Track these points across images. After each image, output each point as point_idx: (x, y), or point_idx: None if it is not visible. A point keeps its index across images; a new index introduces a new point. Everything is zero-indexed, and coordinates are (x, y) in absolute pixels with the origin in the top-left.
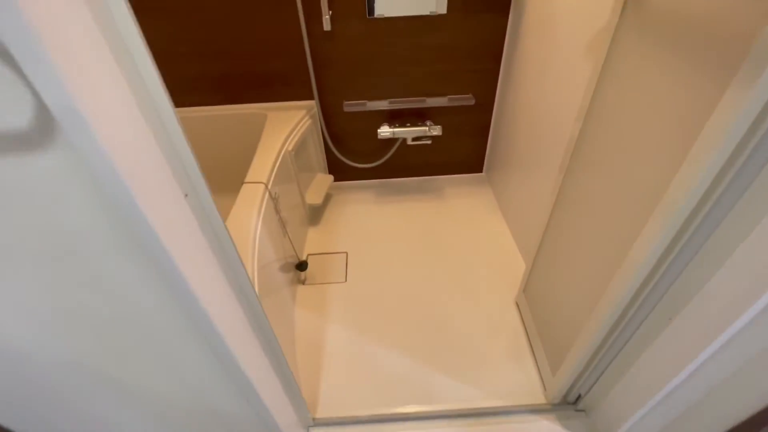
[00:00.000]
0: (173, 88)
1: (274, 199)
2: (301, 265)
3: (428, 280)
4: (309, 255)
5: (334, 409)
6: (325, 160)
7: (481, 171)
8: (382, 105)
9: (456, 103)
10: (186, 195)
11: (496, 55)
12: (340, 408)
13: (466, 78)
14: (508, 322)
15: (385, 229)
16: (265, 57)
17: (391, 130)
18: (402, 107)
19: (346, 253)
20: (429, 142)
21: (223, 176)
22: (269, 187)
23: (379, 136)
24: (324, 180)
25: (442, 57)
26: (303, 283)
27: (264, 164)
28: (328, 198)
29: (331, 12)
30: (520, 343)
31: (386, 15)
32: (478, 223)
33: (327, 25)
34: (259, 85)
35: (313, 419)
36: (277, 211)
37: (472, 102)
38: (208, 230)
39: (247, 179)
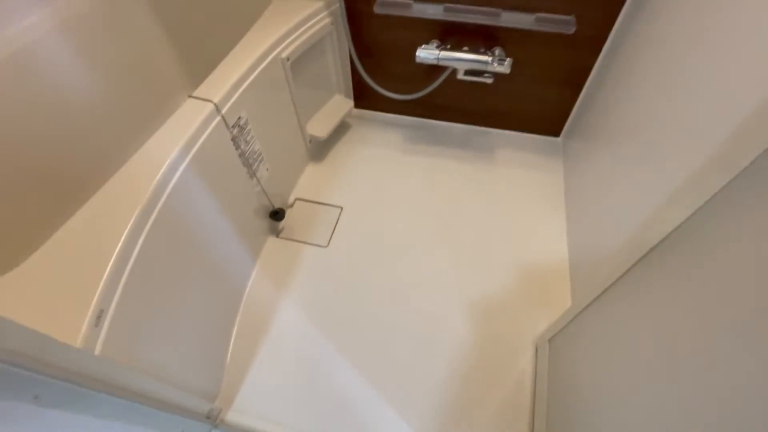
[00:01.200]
0: None
1: (234, 127)
2: (276, 214)
3: (432, 278)
4: (297, 200)
5: (250, 414)
6: (349, 79)
7: (557, 135)
8: (434, 11)
9: (546, 28)
10: None
11: None
12: (257, 416)
13: None
14: (517, 371)
15: (401, 188)
16: None
17: (436, 53)
18: (462, 20)
19: (341, 208)
20: (490, 80)
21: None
22: (224, 110)
23: (416, 59)
24: (339, 105)
25: None
26: (278, 234)
27: (228, 74)
28: (343, 128)
29: None
30: (521, 403)
31: None
32: (528, 210)
33: None
34: None
35: (221, 422)
36: (237, 143)
37: (572, 30)
38: None
39: (196, 92)
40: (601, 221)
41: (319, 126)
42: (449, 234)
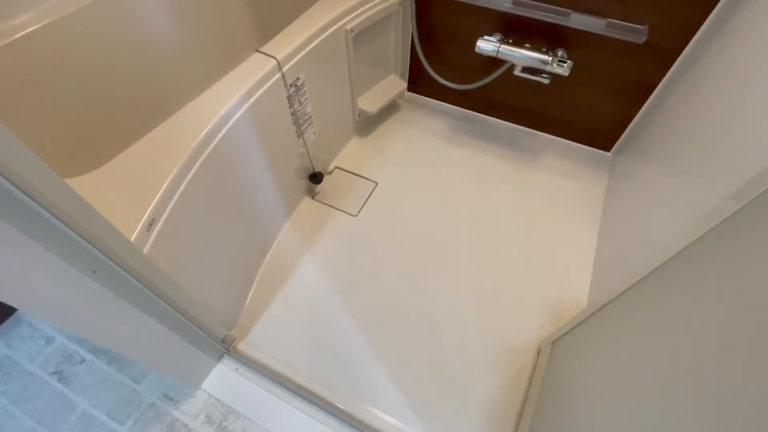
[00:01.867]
0: None
1: (291, 86)
2: (315, 177)
3: (450, 265)
4: (337, 168)
5: (260, 349)
6: (407, 61)
7: (608, 149)
8: (504, 1)
9: (616, 34)
10: None
11: None
12: (265, 353)
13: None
14: (516, 367)
15: (438, 176)
16: None
17: (497, 45)
18: (530, 15)
19: (376, 183)
20: (546, 81)
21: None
22: (285, 69)
23: (476, 49)
24: (393, 85)
25: None
26: (313, 196)
27: (295, 36)
28: (392, 109)
29: None
30: (512, 404)
31: None
32: (561, 220)
33: None
34: None
35: (233, 348)
36: (291, 102)
37: (642, 39)
38: None
39: (264, 47)
40: (632, 243)
41: (370, 102)
42: (476, 228)
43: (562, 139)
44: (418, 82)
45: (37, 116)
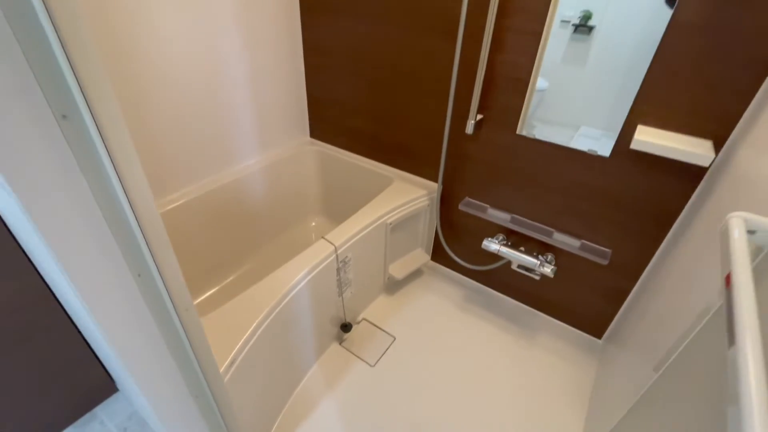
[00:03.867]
0: (339, 133)
1: (341, 262)
2: (345, 327)
3: (448, 423)
4: (364, 320)
5: None
6: (432, 240)
7: (599, 337)
8: (503, 219)
9: (586, 255)
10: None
11: (663, 222)
12: None
13: (613, 231)
14: None
15: (449, 338)
16: (409, 132)
17: (498, 246)
18: (523, 231)
19: (394, 338)
20: (537, 278)
21: (342, 211)
22: (339, 251)
23: (482, 246)
24: (418, 257)
25: (592, 198)
26: (341, 343)
27: (350, 228)
28: (417, 274)
29: (480, 116)
30: None
31: (537, 137)
32: (552, 398)
33: (469, 129)
34: (397, 152)
35: None
36: (339, 273)
37: (606, 262)
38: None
39: (327, 235)
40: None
41: (399, 269)
42: (476, 391)
43: (559, 322)
44: (439, 254)
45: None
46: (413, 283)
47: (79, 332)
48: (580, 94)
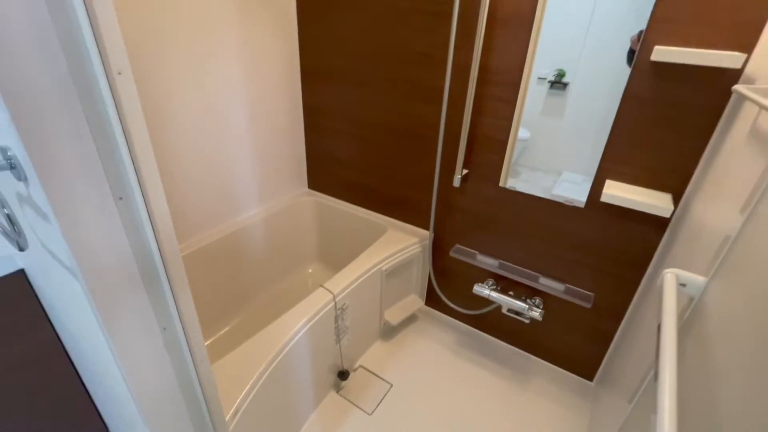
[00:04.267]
0: (335, 184)
1: (339, 309)
2: (342, 374)
3: None
4: (360, 367)
5: None
6: (426, 286)
7: (590, 379)
8: (491, 264)
9: (570, 299)
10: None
11: (637, 266)
12: None
13: (594, 275)
14: None
15: (445, 384)
16: (402, 184)
17: (488, 291)
18: (511, 277)
19: (391, 386)
20: (527, 321)
21: (338, 258)
22: (337, 299)
23: (473, 291)
24: (413, 303)
25: (572, 245)
26: (338, 391)
27: (348, 276)
28: (412, 319)
29: (465, 171)
30: None
31: (518, 189)
32: None
33: (456, 183)
34: (390, 202)
35: None
36: (337, 320)
37: (588, 305)
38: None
39: (325, 284)
40: None
41: (394, 315)
42: None
43: (550, 365)
44: (433, 299)
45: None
46: (408, 328)
47: (83, 384)
48: (560, 142)
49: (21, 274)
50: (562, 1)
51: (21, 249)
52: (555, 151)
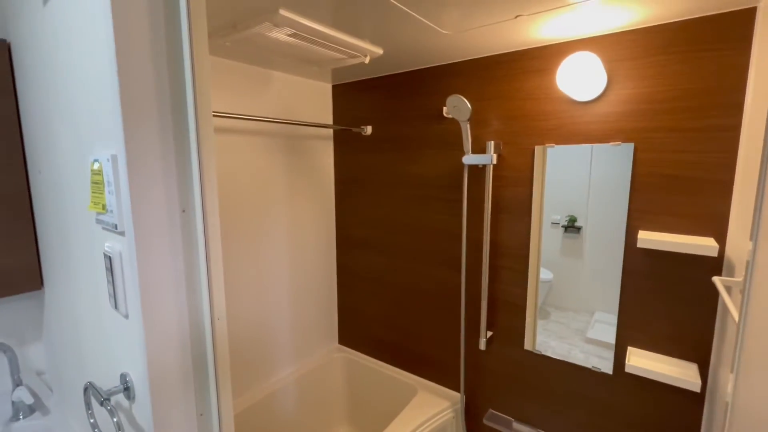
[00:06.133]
0: (365, 340)
1: None
2: None
3: None
4: None
5: None
6: None
7: None
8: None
9: None
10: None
11: None
12: None
13: None
14: None
15: None
16: (429, 343)
17: None
18: None
19: None
20: None
21: (368, 420)
22: None
23: None
24: None
25: (607, 414)
26: None
27: None
28: None
29: (490, 333)
30: None
31: (543, 353)
32: None
33: (482, 345)
34: (419, 361)
35: None
36: None
37: None
38: None
39: None
40: None
41: None
42: None
43: None
44: None
45: None
46: None
47: None
48: (585, 283)
49: None
50: (562, 165)
51: None
52: (581, 292)
